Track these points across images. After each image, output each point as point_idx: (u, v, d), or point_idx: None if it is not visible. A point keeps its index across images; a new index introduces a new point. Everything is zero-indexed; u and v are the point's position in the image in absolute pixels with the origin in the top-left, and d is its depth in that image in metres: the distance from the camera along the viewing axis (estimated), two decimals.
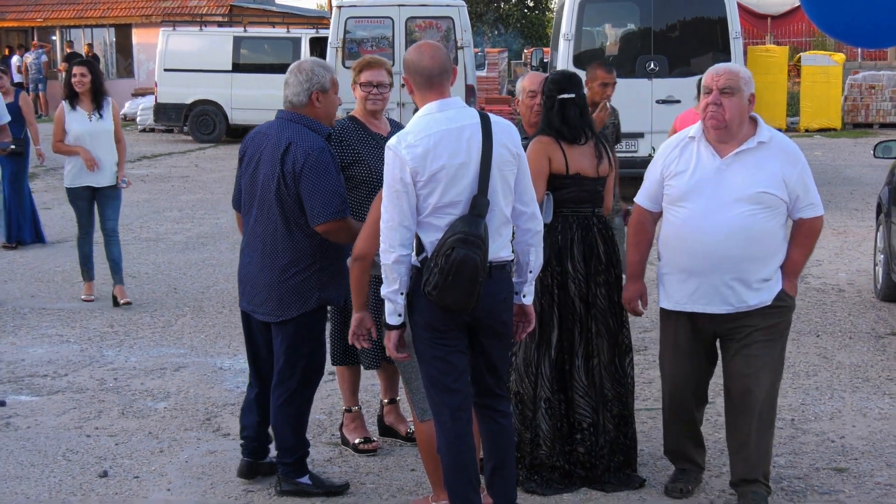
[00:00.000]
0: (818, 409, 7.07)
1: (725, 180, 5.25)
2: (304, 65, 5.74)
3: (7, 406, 7.26)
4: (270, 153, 5.56)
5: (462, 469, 4.89)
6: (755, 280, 5.27)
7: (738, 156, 5.27)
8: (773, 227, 5.26)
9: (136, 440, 6.63)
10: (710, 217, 5.23)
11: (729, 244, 5.20)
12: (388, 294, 4.78)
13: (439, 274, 4.65)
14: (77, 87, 9.74)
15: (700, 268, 5.28)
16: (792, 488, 5.82)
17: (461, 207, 4.74)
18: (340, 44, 18.71)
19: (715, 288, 5.27)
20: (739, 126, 5.28)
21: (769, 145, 5.29)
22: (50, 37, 37.32)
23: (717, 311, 5.31)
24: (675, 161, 5.38)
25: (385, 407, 6.62)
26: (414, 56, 4.89)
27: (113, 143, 9.92)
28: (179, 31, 26.28)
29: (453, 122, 4.79)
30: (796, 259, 5.39)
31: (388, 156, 4.77)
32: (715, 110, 5.22)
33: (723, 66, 5.36)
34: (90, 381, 7.85)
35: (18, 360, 8.39)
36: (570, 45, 15.09)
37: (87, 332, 9.16)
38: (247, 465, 5.91)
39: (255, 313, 5.72)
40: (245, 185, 5.70)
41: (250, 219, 5.67)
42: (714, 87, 5.24)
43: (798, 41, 34.08)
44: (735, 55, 14.85)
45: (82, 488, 5.93)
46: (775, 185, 5.22)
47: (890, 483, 5.89)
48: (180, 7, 35.96)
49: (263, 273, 5.62)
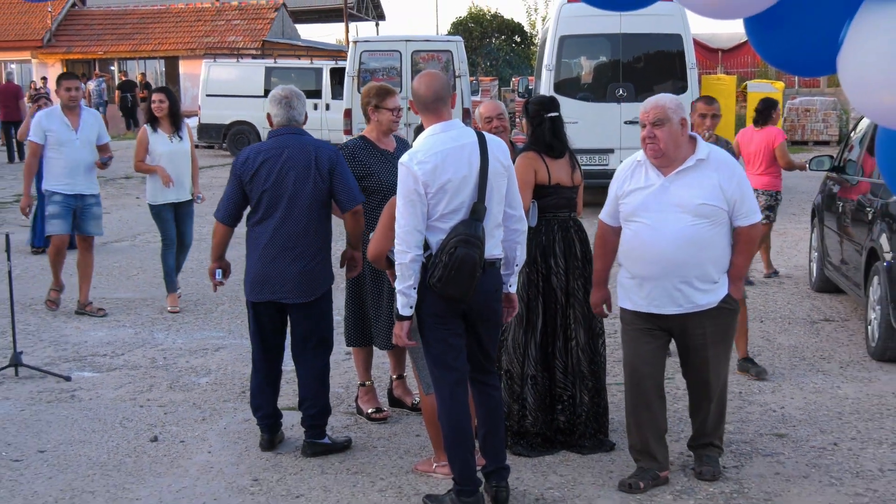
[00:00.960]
0: (762, 384, 7.06)
1: (669, 196, 5.09)
2: (297, 91, 5.84)
3: (72, 381, 7.25)
4: (298, 160, 5.60)
5: (459, 434, 4.90)
6: (701, 283, 5.12)
7: (679, 174, 5.11)
8: (715, 234, 5.10)
9: (182, 410, 6.62)
10: (658, 229, 5.08)
11: (676, 253, 5.05)
12: (403, 289, 4.77)
13: (443, 269, 4.67)
14: (156, 111, 9.24)
15: (652, 274, 5.13)
16: (740, 451, 5.81)
17: (463, 213, 4.77)
18: (356, 73, 18.75)
19: (666, 291, 5.13)
20: (676, 149, 5.10)
21: (707, 161, 5.11)
22: (109, 67, 37.27)
23: (669, 311, 5.17)
24: (627, 181, 5.23)
25: (394, 382, 6.62)
26: (416, 84, 4.98)
27: (189, 161, 9.43)
28: (219, 63, 26.39)
29: (456, 141, 4.82)
30: (739, 264, 5.23)
31: (402, 171, 4.77)
32: (651, 143, 5.09)
33: (650, 102, 5.18)
34: (143, 359, 7.83)
35: (82, 341, 8.37)
36: (552, 75, 15.09)
37: (141, 318, 9.15)
38: (268, 440, 5.89)
39: (284, 299, 5.69)
40: (266, 193, 5.62)
41: (272, 221, 5.64)
42: (646, 121, 5.11)
43: (745, 71, 34.08)
44: (691, 83, 14.87)
45: (136, 451, 5.92)
46: (714, 197, 5.06)
47: (823, 447, 5.88)
48: (220, 42, 35.91)
49: (296, 262, 5.63)
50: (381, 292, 6.06)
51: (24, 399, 6.86)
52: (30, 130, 9.44)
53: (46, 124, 9.11)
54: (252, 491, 5.31)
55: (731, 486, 5.32)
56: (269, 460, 5.73)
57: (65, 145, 9.07)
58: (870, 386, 7.02)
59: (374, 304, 6.17)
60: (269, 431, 5.89)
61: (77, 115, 9.19)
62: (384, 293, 6.07)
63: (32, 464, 5.72)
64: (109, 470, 5.62)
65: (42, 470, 5.63)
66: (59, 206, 9.09)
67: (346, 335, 6.44)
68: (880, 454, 5.77)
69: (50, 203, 9.13)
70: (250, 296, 5.77)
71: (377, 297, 6.12)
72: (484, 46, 47.06)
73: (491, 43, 47.72)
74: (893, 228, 7.46)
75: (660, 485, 5.28)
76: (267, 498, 5.22)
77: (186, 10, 37.98)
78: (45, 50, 36.75)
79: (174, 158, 9.27)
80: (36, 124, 9.22)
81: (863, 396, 6.79)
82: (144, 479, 5.49)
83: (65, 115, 9.15)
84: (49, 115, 9.21)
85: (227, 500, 5.19)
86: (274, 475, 5.51)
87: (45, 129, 9.10)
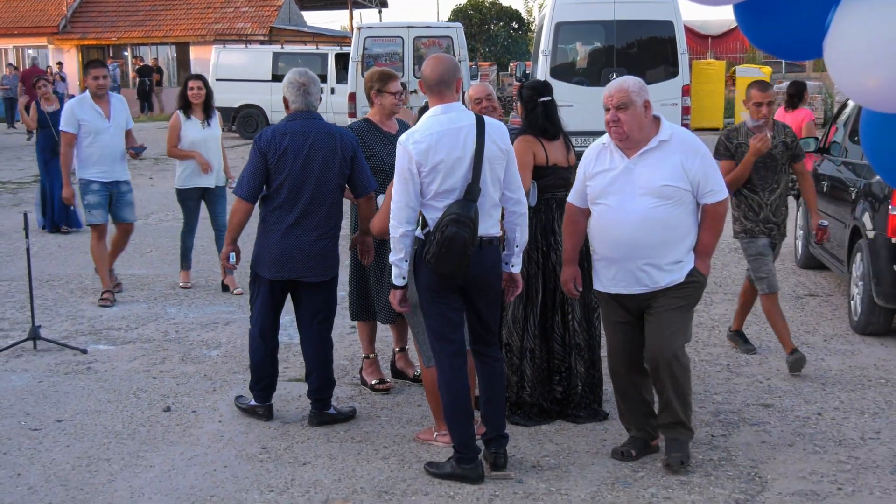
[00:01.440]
0: (749, 357, 7.06)
1: (633, 178, 4.92)
2: (313, 77, 5.77)
3: (88, 353, 7.25)
4: (325, 144, 5.58)
5: (457, 403, 4.92)
6: (666, 263, 4.95)
7: (642, 155, 4.93)
8: (679, 214, 4.91)
9: (194, 381, 6.62)
10: (622, 211, 4.92)
11: (639, 234, 4.89)
12: (395, 261, 4.85)
13: (436, 246, 4.70)
14: (193, 98, 8.88)
15: (617, 255, 4.99)
16: (728, 420, 5.82)
17: (458, 193, 4.78)
18: (360, 58, 18.72)
19: (630, 272, 4.97)
20: (640, 131, 4.93)
21: (670, 142, 4.93)
22: (122, 53, 37.14)
23: (634, 291, 5.02)
24: (593, 164, 5.07)
25: (396, 354, 6.62)
26: (424, 66, 5.01)
27: (220, 148, 9.12)
28: (229, 48, 26.25)
29: (454, 123, 4.82)
30: (706, 241, 5.03)
31: (399, 150, 4.80)
32: (615, 126, 4.93)
33: (614, 86, 5.00)
34: (156, 333, 7.83)
35: (97, 316, 8.37)
36: (548, 60, 15.06)
37: (154, 293, 9.14)
38: (270, 409, 5.91)
39: (303, 278, 5.68)
40: (292, 174, 5.56)
41: (301, 200, 5.58)
42: (610, 105, 4.95)
43: (733, 56, 34.00)
44: (682, 68, 14.88)
45: (150, 420, 5.92)
46: (677, 178, 4.88)
47: (807, 416, 5.89)
48: (229, 29, 35.75)
49: (319, 242, 5.65)
50: (383, 269, 6.06)
51: (42, 371, 6.86)
52: (61, 120, 8.89)
53: (80, 114, 8.70)
54: (261, 458, 5.32)
55: (719, 453, 5.33)
56: (277, 429, 5.73)
57: (101, 133, 8.68)
58: (852, 358, 7.02)
59: (376, 280, 6.17)
60: (268, 400, 5.90)
61: (107, 102, 8.82)
62: (386, 270, 6.07)
63: (51, 433, 5.73)
64: (124, 438, 5.63)
65: (60, 438, 5.64)
66: (98, 195, 8.73)
67: (350, 310, 6.43)
68: (862, 423, 5.77)
69: (88, 192, 8.72)
70: (269, 274, 5.70)
71: (379, 273, 6.11)
72: (483, 33, 46.87)
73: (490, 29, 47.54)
74: (875, 207, 7.45)
75: (651, 452, 5.28)
76: (275, 465, 5.22)
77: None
78: (61, 36, 36.60)
79: (206, 145, 8.97)
80: (70, 114, 8.76)
81: (845, 368, 6.79)
82: (158, 447, 5.49)
83: (95, 104, 8.76)
84: (81, 105, 8.79)
85: (238, 468, 5.20)
86: (282, 443, 5.52)
87: (78, 119, 8.68)
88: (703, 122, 24.95)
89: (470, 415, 4.98)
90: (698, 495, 4.82)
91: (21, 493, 4.93)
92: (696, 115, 22.81)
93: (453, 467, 4.96)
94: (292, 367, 6.79)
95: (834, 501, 4.75)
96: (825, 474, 5.06)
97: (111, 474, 5.14)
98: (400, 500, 4.79)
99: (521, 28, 48.43)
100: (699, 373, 6.64)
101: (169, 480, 5.06)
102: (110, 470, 5.19)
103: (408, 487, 4.93)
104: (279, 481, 5.02)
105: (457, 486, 4.92)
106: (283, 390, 6.28)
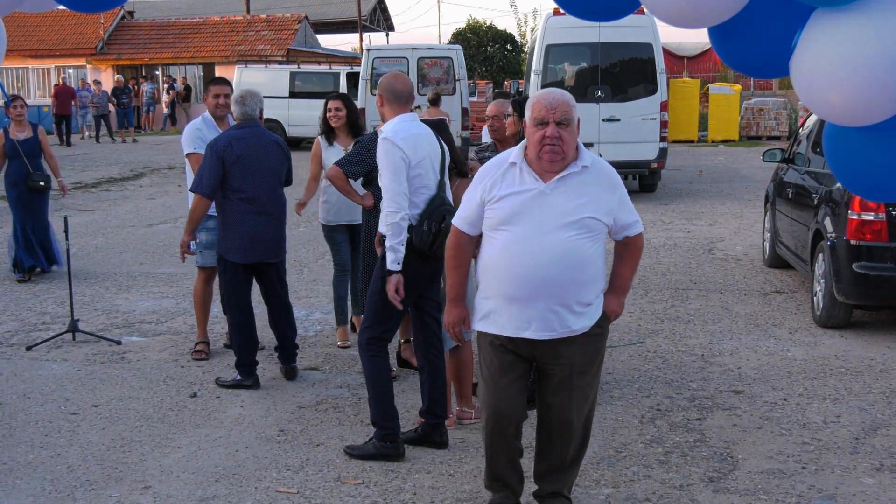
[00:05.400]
0: (721, 347, 7.04)
1: (549, 205, 3.81)
2: (252, 92, 6.21)
3: (122, 344, 7.24)
4: (269, 147, 6.11)
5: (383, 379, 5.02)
6: (577, 305, 3.86)
7: (561, 180, 3.84)
8: (595, 251, 3.85)
9: (218, 370, 6.59)
10: (533, 242, 3.79)
11: (553, 269, 3.77)
12: (395, 244, 4.74)
13: (442, 235, 4.73)
14: (333, 121, 6.77)
15: (523, 293, 3.83)
16: (702, 405, 5.80)
17: (432, 189, 4.93)
18: (369, 76, 18.82)
19: (539, 313, 3.83)
20: (572, 154, 3.87)
21: (591, 170, 3.88)
22: (153, 72, 37.11)
23: (542, 336, 3.87)
24: (497, 185, 3.89)
25: (402, 345, 6.59)
26: (391, 81, 5.01)
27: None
28: (250, 68, 26.32)
29: (421, 129, 5.01)
30: (626, 275, 4.07)
31: (387, 145, 4.80)
32: (554, 145, 3.79)
33: (555, 98, 3.83)
34: (184, 326, 7.81)
35: (131, 310, 8.35)
36: (539, 78, 15.04)
37: (182, 290, 9.11)
38: (257, 378, 6.20)
39: (268, 259, 6.12)
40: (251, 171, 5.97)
41: (258, 194, 6.01)
42: (551, 119, 3.78)
43: (707, 75, 33.95)
44: (661, 85, 14.95)
45: (178, 405, 5.90)
46: (599, 211, 3.84)
47: (774, 402, 5.87)
48: (251, 50, 35.70)
49: (279, 229, 6.17)
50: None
51: (80, 360, 6.84)
52: (186, 141, 6.66)
53: (207, 135, 6.54)
54: (279, 440, 5.30)
55: (694, 435, 5.30)
56: (294, 413, 5.71)
57: None
58: (815, 349, 7.00)
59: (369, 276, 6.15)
60: (254, 373, 6.19)
61: (227, 124, 6.62)
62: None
63: (88, 416, 5.71)
64: (155, 422, 5.61)
65: (96, 422, 5.62)
66: (213, 234, 6.47)
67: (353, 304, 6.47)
68: (824, 408, 5.75)
69: (203, 230, 6.58)
70: (242, 258, 6.05)
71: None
72: (480, 54, 46.88)
73: (486, 50, 47.55)
74: (836, 212, 7.43)
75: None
76: (292, 446, 5.20)
77: (221, 23, 37.78)
78: (98, 57, 36.58)
79: None
80: (196, 136, 6.61)
81: (809, 358, 6.77)
82: (185, 430, 5.48)
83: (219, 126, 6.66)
84: (207, 126, 6.65)
85: (258, 448, 5.18)
86: (298, 426, 5.50)
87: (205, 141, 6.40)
88: (680, 134, 24.99)
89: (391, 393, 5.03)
90: (675, 473, 4.80)
91: (61, 471, 4.91)
92: (674, 129, 22.83)
93: (375, 447, 4.97)
94: (307, 357, 6.77)
95: (799, 479, 4.73)
96: (791, 454, 5.03)
97: (143, 454, 5.12)
98: (405, 478, 4.77)
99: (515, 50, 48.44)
100: (676, 362, 6.63)
101: (195, 460, 5.04)
102: (142, 450, 5.18)
103: (412, 466, 4.91)
104: (295, 461, 5.00)
105: (456, 464, 4.90)
106: (300, 377, 6.28)
